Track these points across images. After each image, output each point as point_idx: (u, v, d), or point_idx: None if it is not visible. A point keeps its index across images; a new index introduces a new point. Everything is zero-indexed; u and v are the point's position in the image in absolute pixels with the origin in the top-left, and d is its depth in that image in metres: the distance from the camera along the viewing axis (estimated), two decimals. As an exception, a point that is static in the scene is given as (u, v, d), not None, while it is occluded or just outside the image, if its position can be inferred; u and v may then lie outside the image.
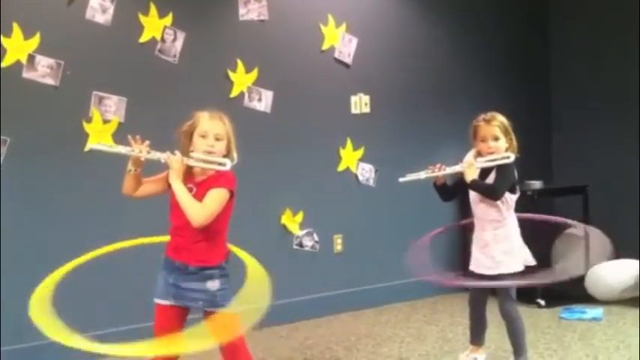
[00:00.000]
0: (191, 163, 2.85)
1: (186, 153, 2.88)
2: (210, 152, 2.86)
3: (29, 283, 4.09)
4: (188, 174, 2.88)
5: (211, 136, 2.87)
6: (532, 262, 3.72)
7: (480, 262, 3.75)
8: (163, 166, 2.89)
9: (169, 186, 2.86)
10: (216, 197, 2.80)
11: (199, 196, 2.81)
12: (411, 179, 3.72)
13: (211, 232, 2.84)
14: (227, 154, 2.90)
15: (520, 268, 3.69)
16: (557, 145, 6.52)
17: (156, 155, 2.84)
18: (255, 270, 2.94)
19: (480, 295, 3.89)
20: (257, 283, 2.89)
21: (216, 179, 2.84)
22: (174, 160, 2.81)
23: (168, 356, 2.88)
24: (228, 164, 2.84)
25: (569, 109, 6.40)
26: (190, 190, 2.83)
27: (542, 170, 6.03)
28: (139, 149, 2.82)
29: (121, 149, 2.86)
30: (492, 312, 3.88)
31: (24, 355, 4.11)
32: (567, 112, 6.42)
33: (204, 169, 2.88)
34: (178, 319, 2.90)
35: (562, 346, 4.35)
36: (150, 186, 2.96)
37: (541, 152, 6.30)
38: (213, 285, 2.84)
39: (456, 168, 3.73)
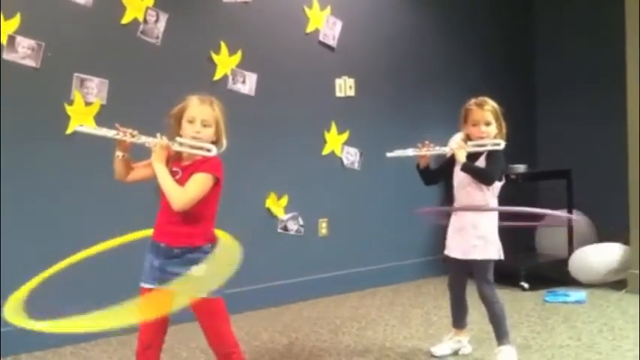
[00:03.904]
0: (175, 147, 2.82)
1: (174, 137, 2.84)
2: (195, 138, 2.83)
3: (25, 266, 4.09)
4: (176, 158, 2.86)
5: (198, 121, 2.83)
6: (500, 256, 3.73)
7: (456, 246, 3.76)
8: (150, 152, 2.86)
9: None
10: (199, 182, 2.77)
11: (184, 181, 2.78)
12: (399, 155, 3.72)
13: (197, 216, 2.81)
14: (216, 141, 2.87)
15: (495, 256, 3.70)
16: (542, 129, 6.53)
17: (141, 139, 2.81)
18: (225, 238, 2.89)
19: (458, 279, 3.90)
20: (227, 250, 2.82)
21: (201, 164, 2.81)
22: (158, 144, 2.79)
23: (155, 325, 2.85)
24: (213, 150, 2.80)
25: (553, 92, 6.41)
26: (176, 173, 2.80)
27: (527, 154, 6.04)
28: (124, 132, 2.79)
29: (107, 132, 2.82)
30: (474, 295, 3.89)
31: (23, 335, 4.09)
32: (552, 96, 6.43)
33: (192, 154, 2.86)
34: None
35: (546, 329, 4.38)
36: (141, 171, 2.93)
37: (525, 136, 6.30)
38: (198, 270, 2.81)
39: (445, 149, 3.73)
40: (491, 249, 3.69)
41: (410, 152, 3.72)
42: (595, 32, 6.01)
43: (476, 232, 3.67)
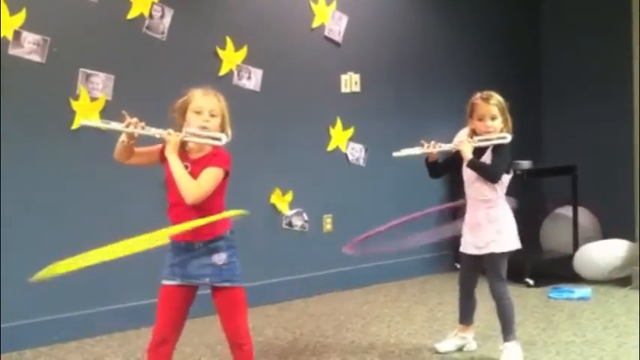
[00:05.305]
0: (187, 138, 2.82)
1: (179, 130, 2.84)
2: (204, 128, 2.82)
3: (23, 262, 4.10)
4: (182, 152, 2.84)
5: (206, 112, 2.83)
6: (518, 245, 3.73)
7: (471, 242, 3.75)
8: (157, 140, 2.86)
9: (162, 160, 2.84)
10: (212, 176, 2.78)
11: (194, 174, 2.78)
12: (405, 154, 3.70)
13: (211, 207, 2.80)
14: (221, 132, 2.86)
15: (515, 246, 3.70)
16: (547, 125, 6.51)
17: (151, 131, 2.80)
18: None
19: (469, 275, 3.88)
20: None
21: (212, 158, 2.82)
22: (171, 135, 2.79)
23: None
24: (223, 139, 2.80)
25: (558, 88, 6.40)
26: (185, 167, 2.80)
27: (532, 150, 6.02)
28: (134, 125, 2.76)
29: (115, 125, 2.80)
30: (481, 292, 3.89)
31: (27, 331, 4.13)
32: (557, 92, 6.41)
33: (199, 147, 2.85)
34: (184, 298, 2.86)
35: (550, 325, 4.37)
36: (142, 157, 2.92)
37: (530, 132, 6.29)
38: (220, 258, 2.82)
39: (452, 146, 3.72)
40: (508, 241, 3.68)
41: (417, 151, 3.71)
42: (601, 29, 5.98)
43: (493, 227, 3.66)
